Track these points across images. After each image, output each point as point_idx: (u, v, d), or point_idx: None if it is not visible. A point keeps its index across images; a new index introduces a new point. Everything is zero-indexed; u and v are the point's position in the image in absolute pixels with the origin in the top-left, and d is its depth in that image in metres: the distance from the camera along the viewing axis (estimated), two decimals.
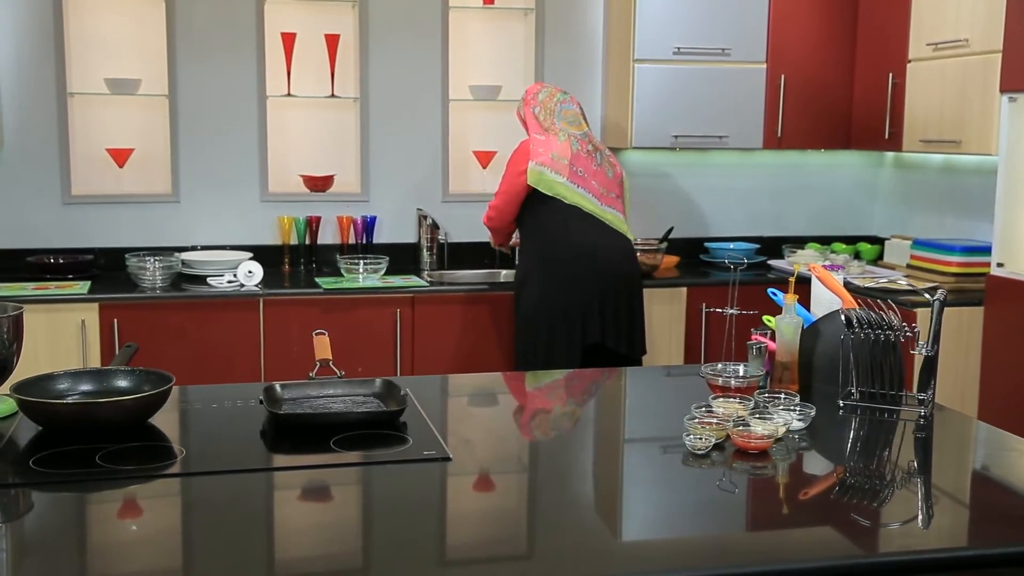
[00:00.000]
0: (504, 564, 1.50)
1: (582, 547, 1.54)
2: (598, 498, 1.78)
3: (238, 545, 1.55)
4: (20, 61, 4.32)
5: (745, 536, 1.64)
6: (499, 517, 1.69)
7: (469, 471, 1.86)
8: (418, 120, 4.75)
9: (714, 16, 4.59)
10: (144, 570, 1.47)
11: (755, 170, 5.14)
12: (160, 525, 1.64)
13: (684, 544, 1.60)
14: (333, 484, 1.80)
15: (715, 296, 4.48)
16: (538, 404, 2.50)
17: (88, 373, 2.12)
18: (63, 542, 1.56)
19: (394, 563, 1.47)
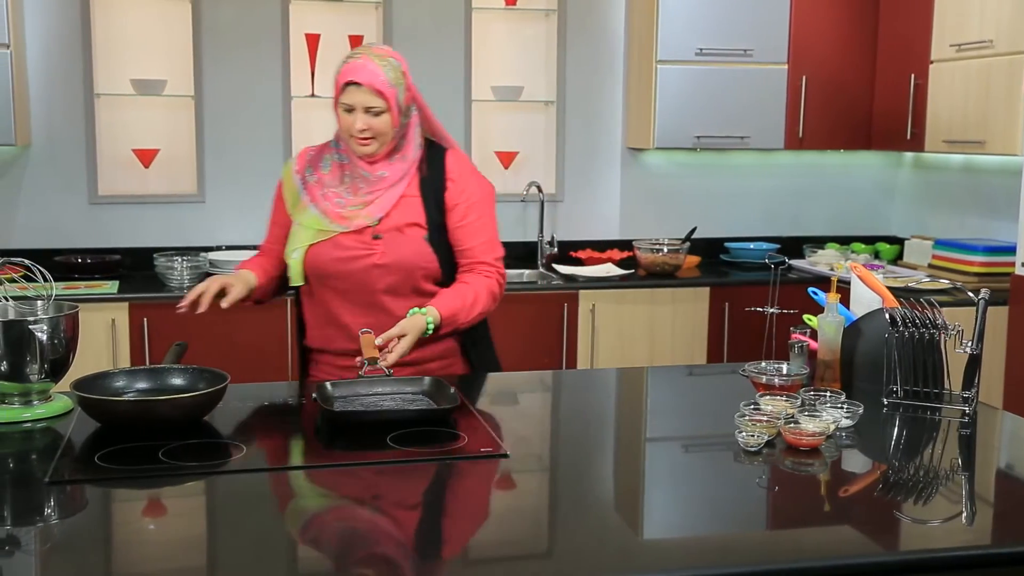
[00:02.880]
0: (530, 561, 1.53)
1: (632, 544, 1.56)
2: (657, 494, 1.80)
3: (314, 538, 1.57)
4: (48, 62, 4.35)
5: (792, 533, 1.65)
6: (542, 512, 1.71)
7: (529, 468, 1.88)
8: (442, 120, 4.71)
9: (736, 17, 4.61)
10: (218, 564, 1.49)
11: (774, 170, 5.16)
12: (230, 520, 1.67)
13: (730, 540, 1.62)
14: (394, 481, 1.82)
15: (739, 296, 4.50)
16: (582, 401, 2.52)
17: (144, 371, 2.14)
18: (136, 536, 1.59)
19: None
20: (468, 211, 2.50)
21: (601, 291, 4.42)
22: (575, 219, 4.99)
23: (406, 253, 2.43)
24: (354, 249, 2.43)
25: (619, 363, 4.37)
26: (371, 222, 2.43)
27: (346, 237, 2.43)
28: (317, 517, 1.70)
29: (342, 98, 2.40)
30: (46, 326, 2.03)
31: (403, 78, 2.44)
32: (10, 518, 1.66)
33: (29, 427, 2.03)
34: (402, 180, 2.46)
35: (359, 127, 2.38)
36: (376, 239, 2.43)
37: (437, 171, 2.50)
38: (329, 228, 2.43)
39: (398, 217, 2.45)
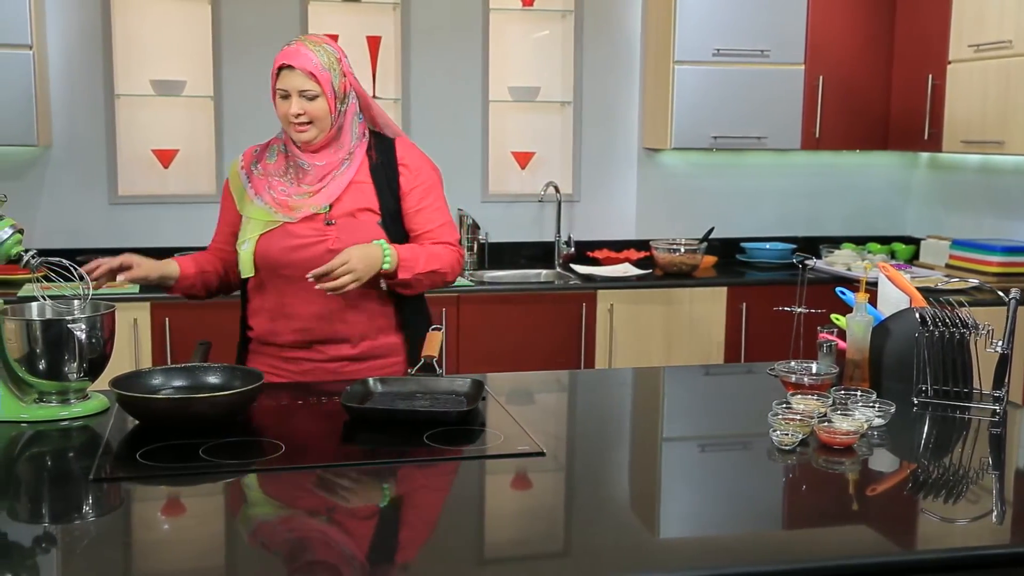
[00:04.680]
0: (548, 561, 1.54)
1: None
2: (696, 494, 1.81)
3: (354, 534, 1.58)
4: (69, 64, 4.37)
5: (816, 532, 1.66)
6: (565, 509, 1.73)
7: (545, 467, 1.89)
8: (458, 121, 4.79)
9: (753, 18, 4.62)
10: (267, 558, 1.51)
11: (791, 170, 5.17)
12: (273, 516, 1.68)
13: (761, 539, 1.63)
14: (425, 479, 1.83)
15: (756, 296, 4.51)
16: (599, 401, 2.53)
17: (179, 369, 2.16)
18: (186, 533, 1.60)
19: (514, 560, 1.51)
20: (424, 195, 2.51)
21: (619, 291, 4.43)
22: (592, 219, 5.00)
23: (360, 238, 2.41)
24: (307, 237, 2.42)
25: (636, 363, 4.39)
26: (319, 209, 2.43)
27: (298, 226, 2.42)
28: (356, 514, 1.71)
29: (278, 84, 2.41)
30: (84, 325, 2.04)
31: (338, 64, 2.42)
32: (56, 515, 1.68)
33: (67, 425, 2.05)
34: (345, 168, 2.45)
35: (294, 111, 2.37)
36: (329, 225, 2.42)
37: (388, 158, 2.50)
38: (276, 218, 2.43)
39: (350, 203, 2.45)
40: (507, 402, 2.26)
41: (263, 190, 2.47)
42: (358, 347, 2.47)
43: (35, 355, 2.02)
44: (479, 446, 1.97)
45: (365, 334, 2.48)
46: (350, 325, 2.46)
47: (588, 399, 2.56)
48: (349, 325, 2.46)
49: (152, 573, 1.47)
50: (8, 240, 2.06)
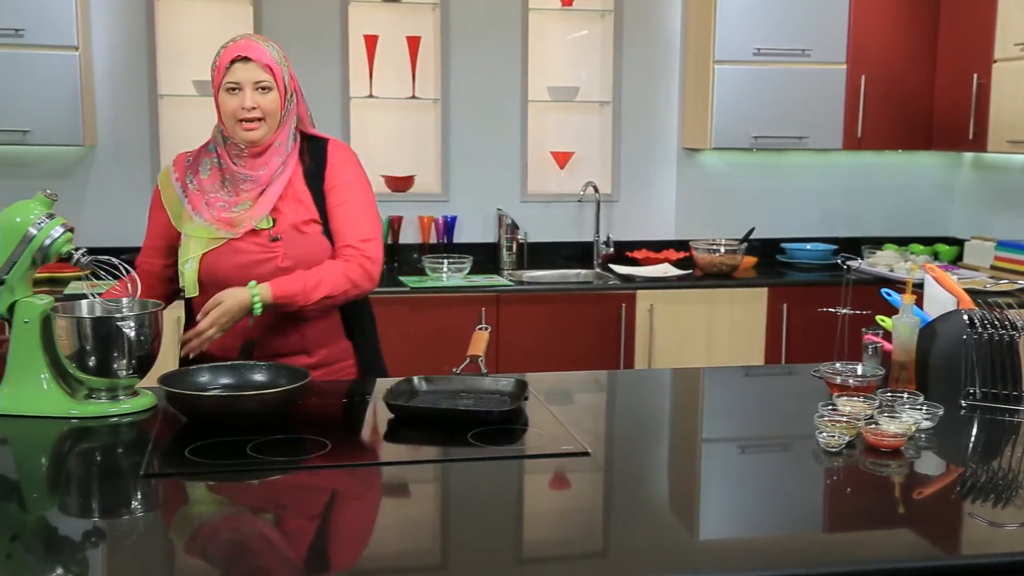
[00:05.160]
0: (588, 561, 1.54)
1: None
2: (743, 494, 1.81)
3: (398, 532, 1.59)
4: (114, 64, 4.42)
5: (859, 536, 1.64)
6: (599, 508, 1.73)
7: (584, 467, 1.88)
8: (497, 121, 4.80)
9: (794, 17, 4.59)
10: (320, 555, 1.52)
11: (832, 170, 5.14)
12: (319, 513, 1.70)
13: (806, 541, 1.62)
14: (473, 478, 1.83)
15: (797, 297, 4.49)
16: (638, 401, 2.52)
17: (226, 367, 2.18)
18: (231, 530, 1.62)
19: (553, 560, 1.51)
20: (339, 192, 2.42)
21: (659, 291, 4.42)
22: (631, 219, 4.99)
23: (307, 252, 2.36)
24: (254, 254, 2.34)
25: (676, 363, 4.37)
26: (261, 224, 2.34)
27: (243, 242, 2.34)
28: (399, 512, 1.72)
29: (227, 77, 2.30)
30: (133, 323, 2.07)
31: (286, 61, 2.38)
32: (105, 510, 1.70)
33: (115, 421, 2.08)
34: (280, 172, 2.37)
35: (248, 104, 2.29)
36: (275, 241, 2.35)
37: (319, 160, 2.44)
38: (218, 235, 2.34)
39: (293, 215, 2.38)
40: (548, 402, 2.26)
41: (201, 207, 2.36)
42: (315, 355, 2.42)
43: (85, 352, 2.04)
44: (523, 446, 1.97)
45: (320, 341, 2.44)
46: (304, 335, 2.42)
47: (628, 399, 2.55)
48: (303, 335, 2.42)
49: (202, 569, 1.49)
50: (59, 239, 2.09)
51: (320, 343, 2.43)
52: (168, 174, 2.45)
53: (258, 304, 2.26)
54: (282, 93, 2.35)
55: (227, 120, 2.34)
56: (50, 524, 1.63)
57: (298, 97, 2.44)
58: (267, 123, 2.33)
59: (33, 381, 2.07)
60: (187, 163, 2.44)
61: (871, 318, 2.55)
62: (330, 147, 2.47)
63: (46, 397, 2.07)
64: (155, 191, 2.47)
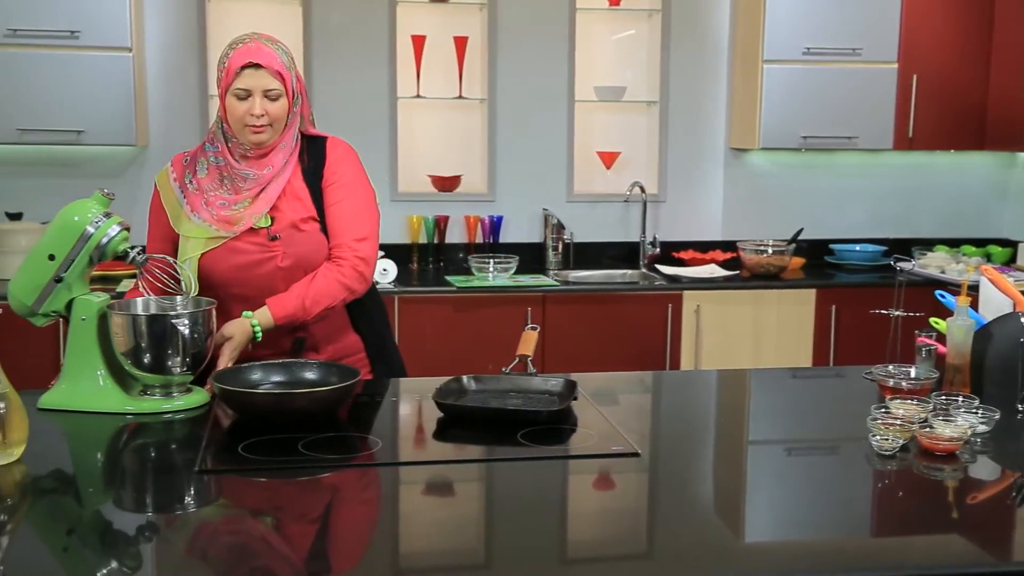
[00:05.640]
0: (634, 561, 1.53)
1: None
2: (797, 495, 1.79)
3: (446, 530, 1.60)
4: (166, 64, 4.48)
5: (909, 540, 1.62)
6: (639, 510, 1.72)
7: (629, 468, 1.88)
8: (544, 121, 4.80)
9: (845, 15, 4.55)
10: (368, 552, 1.53)
11: (882, 171, 5.08)
12: (371, 511, 1.71)
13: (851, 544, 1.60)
14: (521, 477, 1.83)
15: (846, 298, 4.45)
16: (683, 403, 2.51)
17: (278, 365, 2.20)
18: (286, 526, 1.63)
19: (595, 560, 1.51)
20: (337, 190, 2.41)
21: (706, 292, 4.40)
22: (677, 219, 4.97)
23: (306, 251, 2.36)
24: (252, 253, 2.34)
25: (723, 365, 4.35)
26: (260, 223, 2.34)
27: (241, 241, 2.33)
28: (450, 511, 1.73)
29: (237, 83, 2.28)
30: (187, 320, 2.09)
31: (293, 64, 2.37)
32: (160, 505, 1.72)
33: (169, 418, 2.10)
34: (282, 171, 2.37)
35: (258, 112, 2.28)
36: (273, 240, 2.34)
37: (318, 158, 2.42)
38: (216, 235, 2.33)
39: (291, 213, 2.37)
40: (595, 402, 2.25)
41: (199, 206, 2.35)
42: (324, 351, 2.42)
43: (140, 349, 2.07)
44: (572, 446, 1.97)
45: (327, 337, 2.44)
46: (310, 333, 2.42)
47: (674, 400, 2.54)
48: (310, 334, 2.42)
49: (256, 564, 1.50)
50: (116, 237, 2.12)
51: (327, 339, 2.43)
52: (166, 174, 2.43)
53: (259, 332, 2.28)
54: (290, 98, 2.34)
55: (234, 123, 2.33)
56: (105, 518, 1.66)
57: (303, 98, 2.42)
58: (274, 127, 2.33)
59: (90, 377, 2.10)
60: (185, 163, 2.42)
61: (923, 320, 2.51)
62: (329, 145, 2.46)
63: (102, 393, 2.10)
64: (154, 192, 2.44)
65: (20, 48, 4.03)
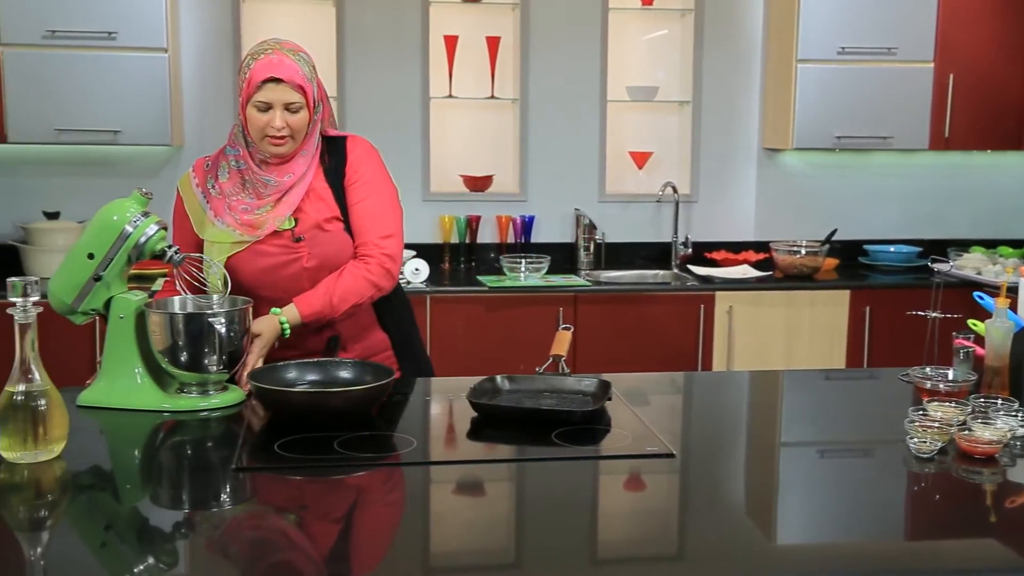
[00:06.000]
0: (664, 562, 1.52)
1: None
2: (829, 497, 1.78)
3: (482, 530, 1.61)
4: (201, 65, 4.52)
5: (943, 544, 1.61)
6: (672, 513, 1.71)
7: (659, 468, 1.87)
8: (576, 121, 4.79)
9: (880, 15, 4.51)
10: (402, 550, 1.54)
11: (917, 171, 5.03)
12: (402, 509, 1.72)
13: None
14: (554, 477, 1.83)
15: (880, 299, 4.41)
16: (715, 404, 2.50)
17: (313, 364, 2.21)
18: (324, 523, 1.64)
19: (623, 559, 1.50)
20: (360, 189, 2.40)
21: (738, 293, 4.38)
22: (710, 220, 4.95)
23: (331, 251, 2.36)
24: (277, 256, 2.35)
25: (755, 366, 4.33)
26: (283, 225, 2.34)
27: (265, 244, 2.34)
28: (482, 510, 1.73)
29: (258, 96, 2.27)
30: (223, 319, 2.11)
31: (314, 73, 2.36)
32: (196, 502, 1.74)
33: (205, 416, 2.11)
34: (304, 176, 2.37)
35: (278, 125, 2.27)
36: (298, 241, 2.35)
37: (339, 158, 2.42)
38: (241, 239, 2.33)
39: (315, 214, 2.37)
40: (628, 402, 2.25)
41: (223, 211, 2.36)
42: (352, 351, 2.43)
43: (177, 347, 2.09)
44: (606, 446, 1.97)
45: (354, 336, 2.44)
46: (337, 331, 2.42)
47: (706, 401, 2.53)
48: (336, 331, 2.42)
49: (291, 561, 1.51)
50: (153, 236, 2.14)
51: (354, 338, 2.44)
52: (188, 180, 2.43)
53: (287, 329, 2.28)
54: (311, 109, 2.33)
55: (254, 133, 2.32)
56: (142, 515, 1.67)
57: (324, 104, 2.42)
58: (294, 139, 2.33)
59: (127, 375, 2.12)
60: (206, 168, 2.42)
61: (961, 322, 2.49)
62: (349, 144, 2.45)
63: (140, 391, 2.12)
64: (177, 198, 2.44)
65: (58, 49, 4.07)
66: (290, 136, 2.31)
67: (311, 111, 2.33)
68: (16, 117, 4.08)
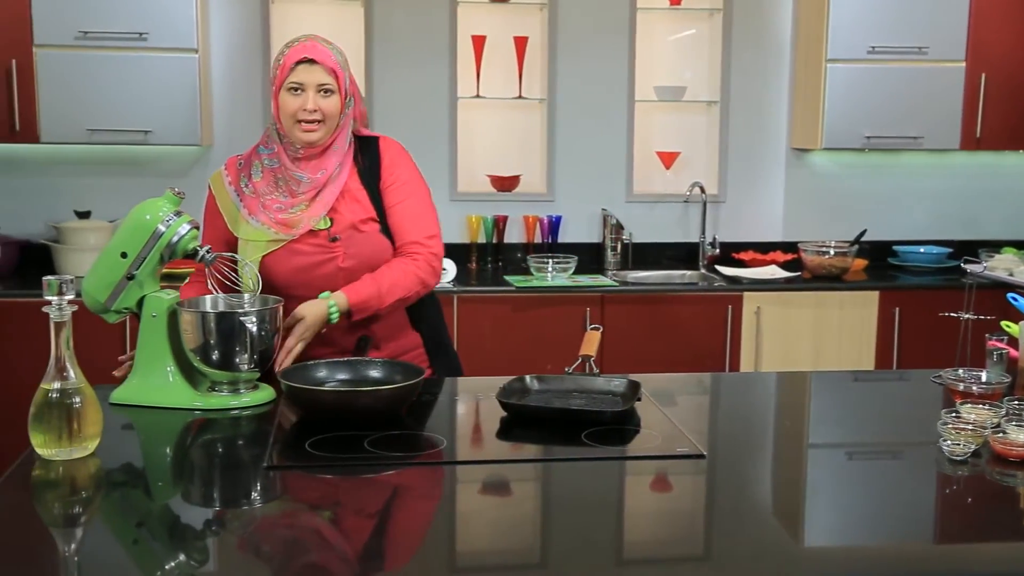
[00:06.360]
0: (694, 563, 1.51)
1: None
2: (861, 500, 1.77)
3: (505, 529, 1.61)
4: (230, 65, 4.54)
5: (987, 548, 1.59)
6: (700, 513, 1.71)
7: (686, 470, 1.87)
8: (603, 121, 4.78)
9: (911, 14, 4.48)
10: (431, 549, 1.54)
11: (948, 171, 5.00)
12: (430, 508, 1.72)
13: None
14: (583, 477, 1.83)
15: (910, 301, 4.38)
16: (742, 405, 2.48)
17: (343, 363, 2.22)
18: (344, 522, 1.65)
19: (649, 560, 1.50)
20: (399, 191, 2.43)
21: (766, 293, 4.36)
22: (737, 220, 4.93)
23: (366, 251, 2.38)
24: (313, 255, 2.37)
25: (783, 367, 4.31)
26: (319, 225, 2.36)
27: (301, 243, 2.36)
28: (511, 509, 1.73)
29: (291, 78, 2.31)
30: (254, 318, 2.12)
31: (347, 65, 2.40)
32: (227, 500, 1.75)
33: (236, 414, 2.13)
34: (338, 173, 2.39)
35: (311, 106, 2.30)
36: (334, 241, 2.37)
37: (373, 158, 2.44)
38: (276, 238, 2.35)
39: (350, 215, 2.39)
40: (658, 403, 2.24)
41: (257, 209, 2.38)
42: (384, 350, 2.43)
43: (209, 346, 2.10)
44: (636, 446, 1.96)
45: (388, 336, 2.45)
46: (371, 331, 2.43)
47: (734, 402, 2.52)
48: (370, 331, 2.43)
49: (320, 558, 1.52)
50: (186, 236, 2.15)
51: (388, 338, 2.45)
52: (220, 178, 2.45)
53: (335, 314, 2.29)
54: (342, 97, 2.36)
55: (286, 120, 2.34)
56: (173, 512, 1.68)
57: (356, 100, 2.45)
58: (326, 125, 2.35)
59: (160, 373, 2.14)
60: (239, 166, 2.44)
61: (994, 324, 2.47)
62: (382, 145, 2.47)
63: (171, 389, 2.14)
64: (208, 196, 2.46)
65: (90, 50, 4.11)
66: (321, 121, 2.33)
67: (342, 100, 2.36)
68: (49, 118, 4.12)
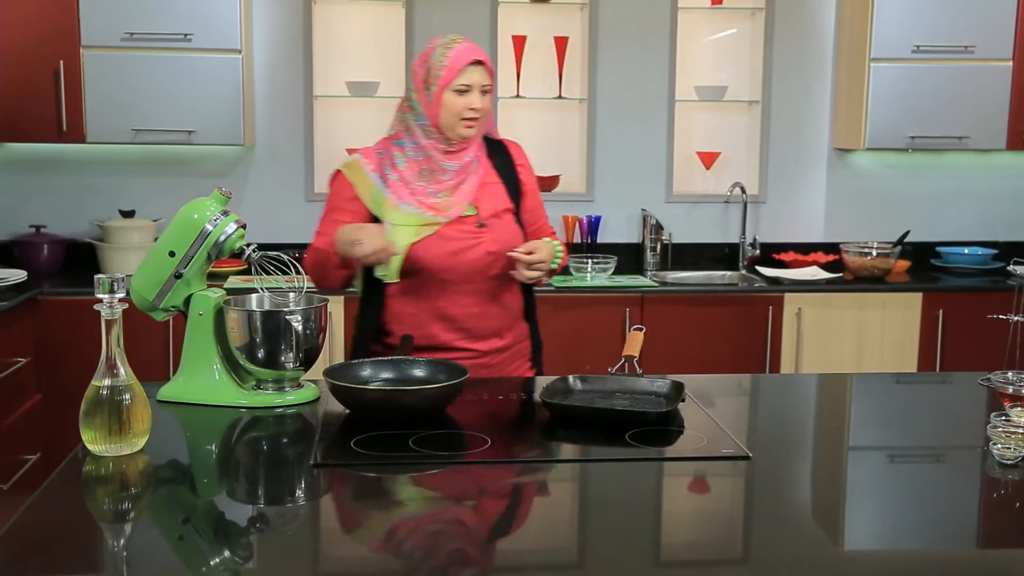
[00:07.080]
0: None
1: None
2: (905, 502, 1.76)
3: (547, 529, 1.61)
4: (273, 66, 4.58)
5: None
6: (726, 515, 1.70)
7: (725, 471, 1.86)
8: (643, 121, 4.77)
9: (957, 12, 4.43)
10: (470, 547, 1.54)
11: (993, 172, 4.93)
12: (473, 507, 1.72)
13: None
14: (627, 478, 1.83)
15: (954, 303, 4.33)
16: (782, 407, 2.46)
17: (387, 362, 2.23)
18: (387, 520, 1.66)
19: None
20: (535, 195, 2.67)
21: (807, 294, 4.33)
22: (778, 221, 4.89)
23: (508, 238, 2.51)
24: (462, 240, 2.48)
25: (824, 369, 4.27)
26: (467, 211, 2.49)
27: (450, 229, 2.47)
28: (554, 508, 1.74)
29: (460, 79, 2.42)
30: (300, 317, 2.14)
31: None
32: (272, 497, 1.76)
33: (281, 412, 2.14)
34: (476, 164, 2.54)
35: (478, 105, 2.44)
36: (481, 227, 2.50)
37: (505, 158, 2.61)
38: (431, 221, 2.46)
39: (491, 204, 2.54)
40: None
41: (406, 195, 2.48)
42: (506, 337, 2.56)
43: (255, 344, 2.12)
44: (682, 447, 1.96)
45: (511, 324, 2.59)
46: (498, 318, 2.56)
47: (774, 404, 2.50)
48: (497, 319, 2.56)
49: (363, 556, 1.52)
50: (233, 235, 2.17)
51: (511, 326, 2.58)
52: (359, 165, 2.53)
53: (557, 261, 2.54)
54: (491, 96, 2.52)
55: (449, 118, 2.45)
56: (218, 509, 1.70)
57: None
58: (482, 121, 2.50)
59: (206, 371, 2.16)
60: (379, 155, 2.54)
61: None
62: (511, 147, 2.65)
63: (217, 387, 2.16)
64: (341, 182, 2.55)
65: (136, 51, 4.15)
66: (479, 119, 2.48)
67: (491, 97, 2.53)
68: (95, 118, 4.17)
